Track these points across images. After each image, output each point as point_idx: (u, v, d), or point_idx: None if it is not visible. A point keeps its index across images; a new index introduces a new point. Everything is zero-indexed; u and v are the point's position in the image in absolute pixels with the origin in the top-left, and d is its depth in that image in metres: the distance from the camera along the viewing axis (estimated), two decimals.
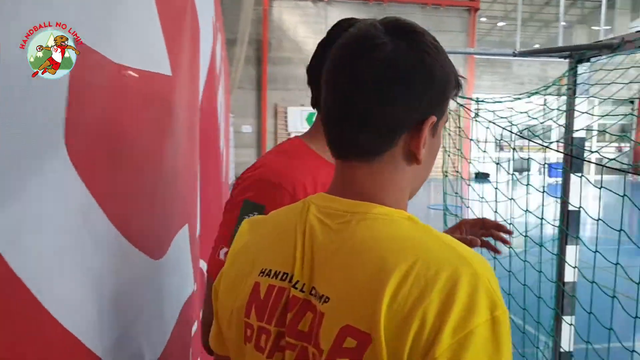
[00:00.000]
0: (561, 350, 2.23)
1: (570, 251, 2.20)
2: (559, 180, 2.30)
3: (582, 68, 2.12)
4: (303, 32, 15.36)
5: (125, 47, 0.89)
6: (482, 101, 2.39)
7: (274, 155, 1.09)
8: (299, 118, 15.08)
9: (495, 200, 2.33)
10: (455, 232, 1.09)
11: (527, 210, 2.19)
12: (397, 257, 0.54)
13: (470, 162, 2.77)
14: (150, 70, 1.07)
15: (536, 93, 2.23)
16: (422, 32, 0.63)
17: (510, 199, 2.09)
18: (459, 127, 2.72)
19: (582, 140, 2.18)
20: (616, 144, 16.29)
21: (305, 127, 14.80)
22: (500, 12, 19.16)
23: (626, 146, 17.01)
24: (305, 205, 0.67)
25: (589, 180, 1.99)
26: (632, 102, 16.32)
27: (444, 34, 16.00)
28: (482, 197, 2.44)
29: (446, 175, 2.82)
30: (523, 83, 15.78)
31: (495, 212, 2.31)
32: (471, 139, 2.80)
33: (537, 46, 21.23)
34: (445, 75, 0.63)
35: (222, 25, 4.45)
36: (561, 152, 2.19)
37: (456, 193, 2.70)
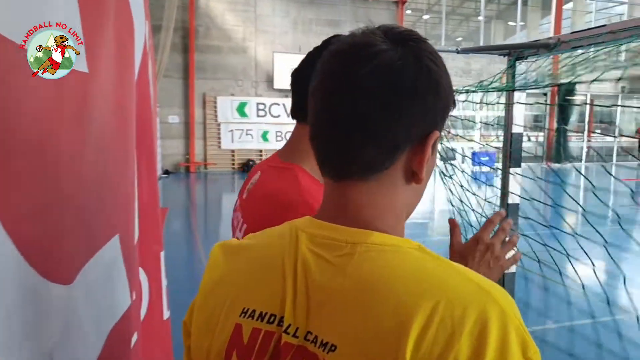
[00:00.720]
0: None
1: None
2: (482, 168, 2.37)
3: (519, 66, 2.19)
4: (232, 20, 14.95)
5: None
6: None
7: (303, 188, 0.96)
8: (229, 108, 14.73)
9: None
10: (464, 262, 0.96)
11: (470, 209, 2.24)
12: (418, 297, 0.48)
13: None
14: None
15: (481, 87, 2.28)
16: (425, 40, 0.58)
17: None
18: None
19: (520, 135, 2.26)
20: (527, 133, 17.50)
21: (235, 117, 14.51)
22: (425, 4, 19.78)
23: (540, 135, 18.28)
24: (293, 233, 0.59)
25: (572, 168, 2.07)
26: (545, 95, 17.55)
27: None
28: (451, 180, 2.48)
29: None
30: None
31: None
32: None
33: (459, 39, 22.19)
34: (449, 87, 0.58)
35: (148, 11, 4.19)
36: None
37: None
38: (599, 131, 19.09)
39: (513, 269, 2.32)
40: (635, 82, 17.68)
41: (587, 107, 18.16)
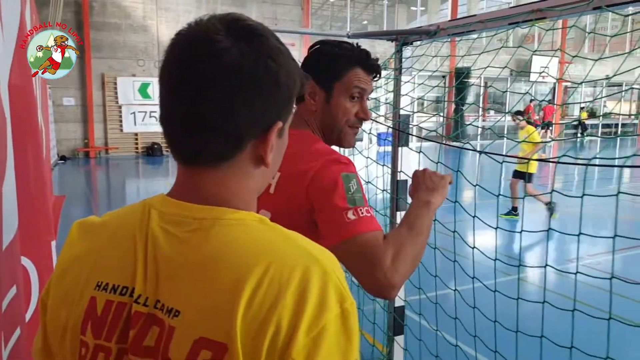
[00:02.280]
0: (395, 305, 2.50)
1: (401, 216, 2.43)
2: (387, 148, 2.52)
3: (406, 51, 2.33)
4: None
5: None
6: None
7: (321, 145, 1.23)
8: (131, 89, 13.98)
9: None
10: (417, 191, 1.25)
11: (368, 181, 2.36)
12: (250, 264, 0.54)
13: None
14: None
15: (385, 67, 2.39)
16: (266, 35, 0.61)
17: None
18: None
19: (407, 117, 2.42)
20: (432, 114, 18.55)
21: (137, 99, 13.87)
22: None
23: (441, 115, 19.37)
24: (146, 211, 0.63)
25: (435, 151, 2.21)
26: (444, 77, 18.58)
27: (280, 7, 16.13)
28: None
29: None
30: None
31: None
32: None
33: (365, 22, 22.71)
34: (291, 80, 0.62)
35: None
36: (394, 128, 2.40)
37: None
38: (492, 112, 20.58)
39: None
40: (522, 65, 19.27)
41: (482, 89, 19.47)
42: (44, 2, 9.31)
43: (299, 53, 16.50)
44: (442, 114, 18.26)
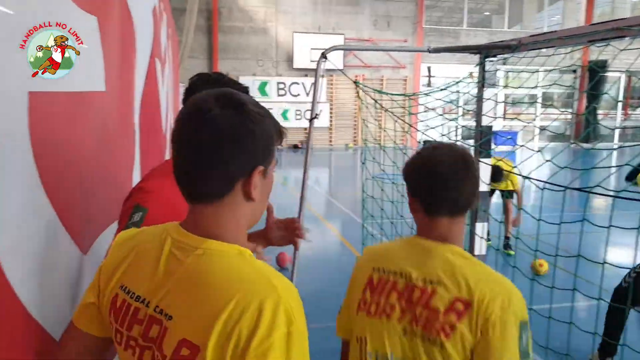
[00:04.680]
0: None
1: (479, 227, 2.46)
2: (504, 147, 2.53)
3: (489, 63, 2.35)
4: (253, 1, 15.13)
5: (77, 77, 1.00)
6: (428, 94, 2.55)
7: (155, 173, 1.38)
8: (251, 87, 14.62)
9: None
10: (262, 236, 1.47)
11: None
12: (229, 293, 0.74)
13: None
14: (89, 90, 1.23)
15: (451, 85, 2.45)
16: (247, 104, 0.81)
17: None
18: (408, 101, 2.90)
19: (490, 127, 2.44)
20: (559, 111, 17.17)
21: (257, 97, 14.88)
22: None
23: (567, 112, 17.87)
24: (164, 236, 0.85)
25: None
26: (574, 72, 17.02)
27: (393, 4, 16.10)
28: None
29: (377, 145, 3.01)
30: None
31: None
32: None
33: (487, 13, 21.68)
34: (266, 135, 0.82)
35: None
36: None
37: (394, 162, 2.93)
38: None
39: (483, 250, 2.52)
40: None
41: (622, 82, 17.59)
42: (180, 11, 10.34)
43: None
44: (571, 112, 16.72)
